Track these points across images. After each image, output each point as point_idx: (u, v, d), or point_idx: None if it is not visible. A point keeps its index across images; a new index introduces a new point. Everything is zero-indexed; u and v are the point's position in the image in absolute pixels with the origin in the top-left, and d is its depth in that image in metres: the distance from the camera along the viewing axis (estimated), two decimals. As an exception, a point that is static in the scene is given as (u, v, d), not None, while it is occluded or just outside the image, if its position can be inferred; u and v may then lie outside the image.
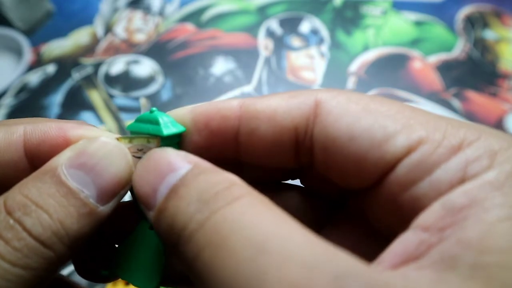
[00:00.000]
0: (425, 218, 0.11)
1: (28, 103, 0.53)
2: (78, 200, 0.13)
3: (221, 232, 0.10)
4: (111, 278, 0.16)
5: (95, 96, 0.53)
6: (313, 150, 0.13)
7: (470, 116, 0.52)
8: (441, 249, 0.10)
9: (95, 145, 0.14)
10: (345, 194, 0.15)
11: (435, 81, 0.55)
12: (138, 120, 0.16)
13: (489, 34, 0.60)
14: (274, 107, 0.14)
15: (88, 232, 0.13)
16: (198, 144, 0.15)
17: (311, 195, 0.16)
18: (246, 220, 0.10)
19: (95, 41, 0.59)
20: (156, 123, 0.15)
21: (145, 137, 0.15)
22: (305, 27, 0.60)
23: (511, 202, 0.10)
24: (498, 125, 0.51)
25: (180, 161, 0.13)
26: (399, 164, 0.12)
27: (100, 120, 0.51)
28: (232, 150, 0.15)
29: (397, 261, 0.11)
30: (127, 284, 0.36)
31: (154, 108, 0.16)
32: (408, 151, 0.12)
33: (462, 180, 0.11)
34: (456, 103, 0.53)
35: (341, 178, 0.13)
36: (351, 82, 0.55)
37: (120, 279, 0.16)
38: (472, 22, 0.62)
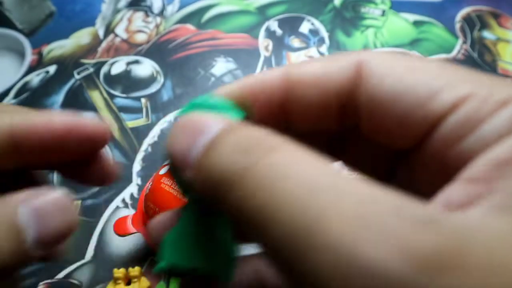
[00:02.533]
0: (471, 171, 0.11)
1: (29, 104, 0.53)
2: (18, 237, 0.14)
3: (270, 176, 0.10)
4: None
5: (96, 97, 0.53)
6: (358, 111, 0.13)
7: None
8: (493, 199, 0.10)
9: (51, 195, 0.15)
10: (390, 158, 0.15)
11: (434, 81, 0.55)
12: (193, 106, 0.14)
13: (488, 35, 0.60)
14: (317, 72, 0.14)
15: (12, 267, 0.14)
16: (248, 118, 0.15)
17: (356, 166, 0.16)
18: (293, 163, 0.10)
19: (96, 41, 0.59)
20: (223, 107, 0.14)
21: None
22: (305, 27, 0.61)
23: None
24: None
25: (213, 119, 0.13)
26: (445, 120, 0.12)
27: (102, 120, 0.51)
28: (279, 120, 0.14)
29: (446, 209, 0.10)
30: (127, 284, 0.37)
31: (206, 96, 0.15)
32: (454, 107, 0.11)
33: (509, 134, 0.11)
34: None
35: (386, 138, 0.13)
36: (350, 83, 0.55)
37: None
38: (471, 23, 0.62)
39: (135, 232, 0.36)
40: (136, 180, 0.46)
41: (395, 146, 0.13)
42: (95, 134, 0.18)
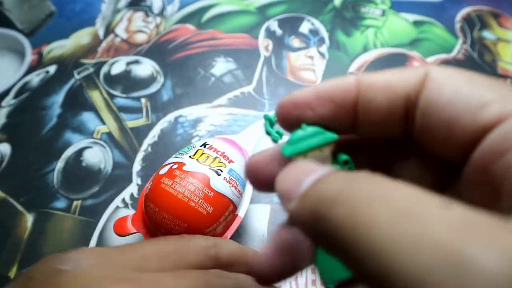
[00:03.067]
0: None
1: (29, 103, 0.53)
2: None
3: (366, 203, 0.11)
4: None
5: (96, 97, 0.53)
6: (415, 116, 0.14)
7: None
8: None
9: None
10: (439, 175, 0.16)
11: (434, 81, 0.55)
12: (294, 141, 0.16)
13: (488, 35, 0.60)
14: (388, 78, 0.15)
15: None
16: (324, 116, 0.16)
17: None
18: (389, 194, 0.11)
19: (96, 41, 0.59)
20: (319, 133, 0.16)
21: (316, 149, 0.16)
22: (305, 27, 0.61)
23: None
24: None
25: (320, 166, 0.14)
26: (491, 132, 0.12)
27: (102, 120, 0.51)
28: (351, 121, 0.16)
29: None
30: None
31: (304, 125, 0.16)
32: (500, 120, 0.12)
33: None
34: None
35: (436, 145, 0.14)
36: (350, 83, 0.55)
37: None
38: (471, 23, 0.62)
39: (135, 232, 0.36)
40: (136, 180, 0.46)
41: (444, 156, 0.14)
42: None
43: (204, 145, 0.38)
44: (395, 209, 0.11)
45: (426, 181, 0.16)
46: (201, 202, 0.33)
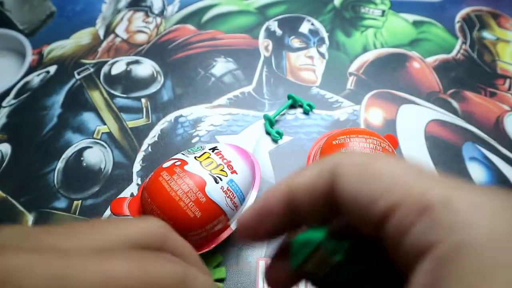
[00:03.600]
0: (416, 280, 0.13)
1: (29, 103, 0.53)
2: None
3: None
4: None
5: (96, 97, 0.53)
6: (337, 206, 0.16)
7: (469, 116, 0.52)
8: None
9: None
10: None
11: (433, 81, 0.55)
12: (294, 255, 0.18)
13: (487, 35, 0.60)
14: (306, 181, 0.17)
15: None
16: (272, 228, 0.18)
17: None
18: None
19: (97, 42, 0.60)
20: (308, 240, 0.18)
21: (312, 253, 0.18)
22: (304, 28, 0.61)
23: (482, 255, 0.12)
24: (497, 125, 0.51)
25: None
26: (386, 223, 0.14)
27: (102, 120, 0.51)
28: (290, 224, 0.18)
29: None
30: None
31: (296, 237, 0.18)
32: (388, 214, 0.14)
33: (427, 248, 0.13)
34: (454, 103, 0.53)
35: (360, 227, 0.16)
36: (350, 83, 0.55)
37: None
38: (470, 23, 0.62)
39: (128, 216, 0.36)
40: (136, 180, 0.46)
41: (368, 232, 0.16)
42: None
43: (213, 149, 0.38)
44: None
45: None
46: (191, 204, 0.34)
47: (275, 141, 0.49)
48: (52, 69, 0.57)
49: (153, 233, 0.18)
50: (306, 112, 0.51)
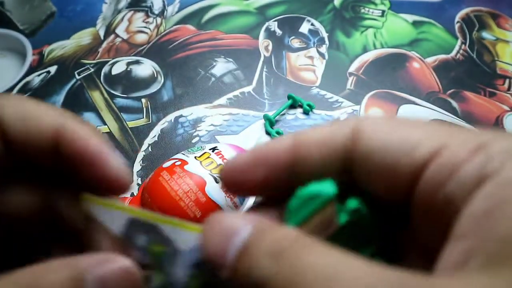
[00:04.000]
0: (460, 226, 0.12)
1: (31, 104, 0.53)
2: None
3: (295, 276, 0.12)
4: None
5: (96, 97, 0.54)
6: (354, 166, 0.15)
7: (469, 116, 0.52)
8: (483, 251, 0.11)
9: (118, 264, 0.15)
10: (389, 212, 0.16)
11: (433, 81, 0.55)
12: (292, 212, 0.15)
13: (487, 36, 0.61)
14: (322, 134, 0.15)
15: None
16: (264, 180, 0.16)
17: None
18: (328, 265, 0.12)
19: (97, 42, 0.60)
20: (315, 195, 0.15)
21: (317, 212, 0.15)
22: (304, 28, 0.61)
23: None
24: (496, 126, 0.51)
25: (242, 223, 0.14)
26: (426, 169, 0.13)
27: (102, 120, 0.51)
28: (286, 184, 0.16)
29: (448, 273, 0.12)
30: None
31: (299, 190, 0.15)
32: (432, 157, 0.13)
33: (485, 177, 0.12)
34: (454, 103, 0.53)
35: (380, 189, 0.15)
36: (350, 83, 0.55)
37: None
38: (470, 24, 0.62)
39: None
40: (136, 180, 0.46)
41: (389, 197, 0.15)
42: (111, 181, 0.17)
43: (213, 149, 0.38)
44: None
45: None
46: (191, 204, 0.34)
47: (275, 141, 0.49)
48: (53, 69, 0.57)
49: None
50: (306, 112, 0.51)
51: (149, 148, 0.49)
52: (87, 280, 0.14)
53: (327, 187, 0.15)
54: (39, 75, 0.56)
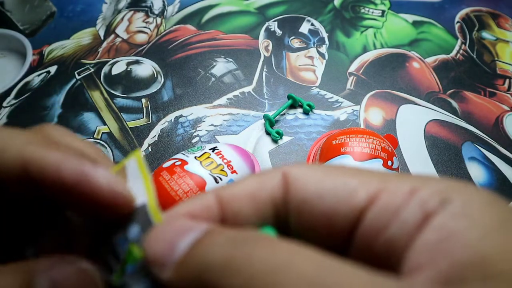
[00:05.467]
0: (413, 262, 0.12)
1: (30, 104, 0.53)
2: None
3: (267, 272, 0.11)
4: None
5: (96, 97, 0.54)
6: (289, 215, 0.15)
7: (469, 116, 0.52)
8: (444, 279, 0.11)
9: (73, 266, 0.14)
10: None
11: (433, 81, 0.55)
12: None
13: (487, 36, 0.61)
14: (250, 188, 0.15)
15: None
16: None
17: None
18: (292, 261, 0.11)
19: (97, 42, 0.60)
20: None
21: None
22: (304, 28, 0.61)
23: (477, 224, 0.12)
24: (496, 125, 0.51)
25: (196, 223, 0.13)
26: (366, 214, 0.13)
27: (102, 120, 0.51)
28: None
29: None
30: None
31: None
32: (371, 201, 0.13)
33: (426, 217, 0.12)
34: (454, 103, 0.53)
35: (316, 238, 0.14)
36: (350, 83, 0.55)
37: None
38: (470, 24, 0.62)
39: None
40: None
41: (326, 245, 0.14)
42: (106, 197, 0.15)
43: (213, 149, 0.38)
44: (303, 279, 0.11)
45: None
46: None
47: (275, 141, 0.49)
48: (53, 69, 0.57)
49: None
50: (306, 112, 0.51)
51: (149, 148, 0.49)
52: (38, 283, 0.14)
53: (267, 233, 0.15)
54: (39, 75, 0.56)
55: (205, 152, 0.38)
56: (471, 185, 0.13)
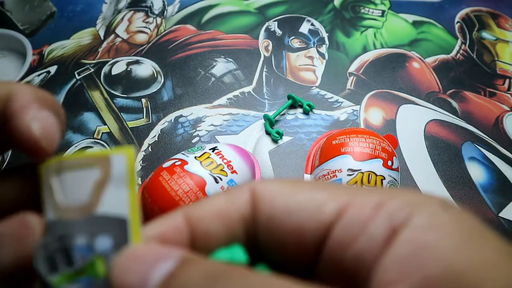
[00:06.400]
0: (383, 276, 0.12)
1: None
2: None
3: None
4: None
5: (96, 97, 0.54)
6: (258, 232, 0.15)
7: (469, 116, 0.52)
8: None
9: (13, 221, 0.14)
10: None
11: (433, 81, 0.55)
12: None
13: (487, 36, 0.61)
14: (218, 207, 0.15)
15: None
16: None
17: None
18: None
19: (97, 42, 0.60)
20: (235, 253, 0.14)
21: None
22: (304, 28, 0.61)
23: (447, 236, 0.12)
24: (496, 125, 0.51)
25: (168, 251, 0.13)
26: (334, 228, 0.13)
27: (102, 120, 0.51)
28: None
29: None
30: None
31: (213, 254, 0.15)
32: (339, 215, 0.13)
33: (394, 230, 0.12)
34: (454, 103, 0.53)
35: (286, 253, 0.14)
36: (350, 83, 0.55)
37: None
38: (470, 24, 0.62)
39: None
40: (136, 179, 0.46)
41: (296, 261, 0.14)
42: (28, 141, 0.15)
43: (213, 149, 0.38)
44: None
45: None
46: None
47: (275, 141, 0.49)
48: (53, 69, 0.57)
49: None
50: (306, 112, 0.51)
51: (149, 148, 0.49)
52: None
53: (236, 253, 0.14)
54: (39, 75, 0.56)
55: (205, 152, 0.38)
56: (437, 197, 0.13)
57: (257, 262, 0.15)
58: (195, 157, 0.37)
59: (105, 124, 0.51)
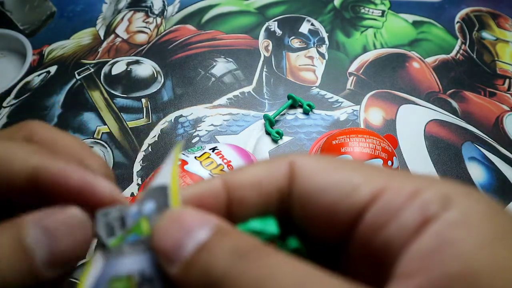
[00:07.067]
0: (405, 266, 0.12)
1: (30, 104, 0.53)
2: (27, 257, 0.14)
3: (265, 278, 0.12)
4: None
5: (96, 97, 0.54)
6: (292, 205, 0.15)
7: (469, 116, 0.52)
8: (429, 284, 0.11)
9: (64, 213, 0.15)
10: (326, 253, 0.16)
11: (433, 81, 0.55)
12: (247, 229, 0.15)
13: (487, 36, 0.61)
14: (256, 176, 0.15)
15: None
16: None
17: None
18: (279, 272, 0.12)
19: (97, 42, 0.60)
20: (259, 232, 0.15)
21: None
22: (304, 28, 0.61)
23: (474, 235, 0.12)
24: (496, 125, 0.51)
25: (204, 219, 0.13)
26: (367, 211, 0.13)
27: (102, 120, 0.51)
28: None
29: None
30: None
31: (249, 221, 0.15)
32: (373, 199, 0.13)
33: (425, 222, 0.12)
34: (454, 103, 0.53)
35: (317, 230, 0.15)
36: (350, 83, 0.55)
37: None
38: (470, 24, 0.62)
39: None
40: (136, 180, 0.46)
41: (326, 238, 0.15)
42: (106, 202, 0.16)
43: (213, 149, 0.38)
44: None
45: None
46: None
47: (275, 141, 0.49)
48: (53, 69, 0.57)
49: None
50: (306, 112, 0.51)
51: (149, 148, 0.49)
52: (30, 232, 0.14)
53: (269, 225, 0.15)
54: (39, 75, 0.56)
55: (205, 152, 0.38)
56: (475, 191, 0.13)
57: (288, 234, 0.15)
58: (195, 157, 0.37)
59: (105, 124, 0.51)
